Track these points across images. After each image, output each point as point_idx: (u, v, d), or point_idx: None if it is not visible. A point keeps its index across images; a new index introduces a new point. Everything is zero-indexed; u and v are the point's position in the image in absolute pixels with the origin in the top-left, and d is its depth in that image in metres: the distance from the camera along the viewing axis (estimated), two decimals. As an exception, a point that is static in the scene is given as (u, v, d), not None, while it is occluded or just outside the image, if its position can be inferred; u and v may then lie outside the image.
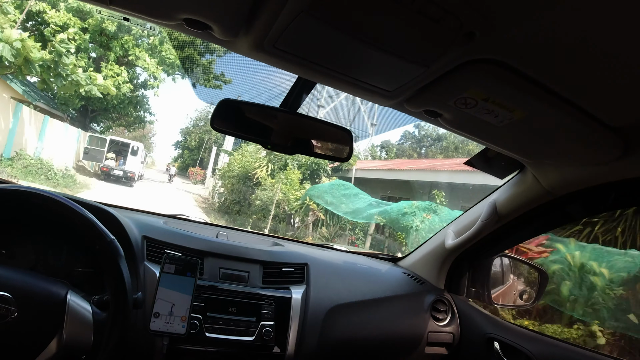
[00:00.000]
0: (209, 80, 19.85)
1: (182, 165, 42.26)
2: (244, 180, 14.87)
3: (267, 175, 13.94)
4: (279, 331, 1.35)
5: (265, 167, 14.26)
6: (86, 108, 19.00)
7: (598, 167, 1.04)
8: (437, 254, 1.73)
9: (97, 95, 12.89)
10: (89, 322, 1.01)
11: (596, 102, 0.77)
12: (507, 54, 0.67)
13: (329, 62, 0.80)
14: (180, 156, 45.13)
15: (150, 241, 1.35)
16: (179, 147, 46.50)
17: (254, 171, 14.47)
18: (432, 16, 0.59)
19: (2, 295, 0.94)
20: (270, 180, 13.57)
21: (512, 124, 0.87)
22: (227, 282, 1.38)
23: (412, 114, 0.96)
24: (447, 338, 1.64)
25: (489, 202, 1.44)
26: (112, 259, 1.04)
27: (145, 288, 1.23)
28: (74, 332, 0.99)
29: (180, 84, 74.80)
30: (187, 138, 43.07)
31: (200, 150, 37.36)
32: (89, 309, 1.03)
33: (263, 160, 14.49)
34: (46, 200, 1.02)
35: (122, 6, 0.74)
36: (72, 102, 16.17)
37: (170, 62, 18.12)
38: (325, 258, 1.67)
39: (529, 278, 2.14)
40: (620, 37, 0.58)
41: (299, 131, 1.20)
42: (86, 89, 12.29)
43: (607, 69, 0.66)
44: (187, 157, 41.41)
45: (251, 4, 0.67)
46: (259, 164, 14.43)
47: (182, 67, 18.93)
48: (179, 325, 1.14)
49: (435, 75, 0.76)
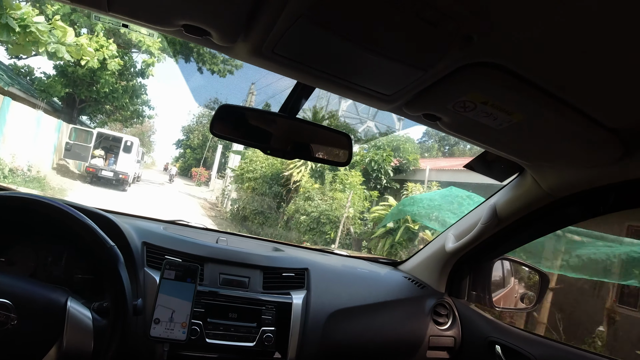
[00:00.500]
0: (217, 64, 15.98)
1: (183, 165, 39.32)
2: (271, 183, 11.25)
3: (308, 177, 10.29)
4: (280, 337, 1.35)
5: (304, 167, 10.47)
6: (72, 97, 15.48)
7: (598, 169, 1.04)
8: (437, 258, 1.72)
9: (67, 59, 9.61)
10: (89, 329, 1.01)
11: (595, 104, 0.77)
12: (505, 57, 0.67)
13: (328, 66, 0.80)
14: (182, 156, 42.14)
15: (150, 247, 1.35)
16: (181, 146, 43.13)
17: (287, 172, 10.64)
18: (430, 20, 0.59)
19: (2, 303, 0.94)
20: (315, 186, 9.99)
21: (511, 127, 0.87)
22: (227, 287, 1.38)
23: (411, 118, 0.96)
24: (449, 342, 1.64)
25: (488, 205, 1.44)
26: (112, 265, 1.04)
27: (145, 294, 1.23)
28: (74, 340, 0.99)
29: (182, 78, 71.53)
30: (189, 136, 39.96)
31: (204, 149, 34.13)
32: (89, 316, 1.02)
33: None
34: (45, 207, 1.02)
35: (121, 13, 0.74)
36: (54, 88, 13.45)
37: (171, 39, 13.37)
38: (325, 263, 1.67)
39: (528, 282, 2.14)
40: (618, 38, 0.58)
41: (298, 136, 1.20)
42: (50, 49, 8.80)
43: (605, 71, 0.66)
44: (189, 156, 38.43)
45: (249, 9, 0.67)
46: (294, 163, 10.49)
47: (182, 47, 15.00)
48: (179, 331, 1.13)
49: (434, 79, 0.76)
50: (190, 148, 38.65)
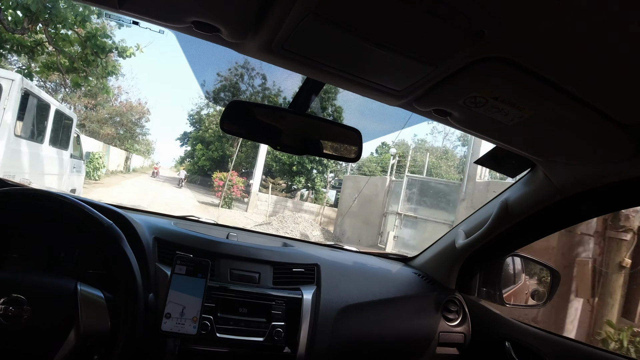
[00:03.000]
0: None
1: (193, 167, 28.73)
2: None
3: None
4: (290, 332, 1.36)
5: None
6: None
7: (610, 166, 1.03)
8: (447, 254, 1.72)
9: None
10: (103, 306, 1.03)
11: (608, 100, 0.76)
12: (517, 52, 0.67)
13: (338, 62, 0.80)
14: (190, 155, 31.06)
15: (161, 242, 1.36)
16: (187, 142, 31.91)
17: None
18: (441, 15, 0.59)
19: (15, 297, 0.96)
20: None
21: (523, 123, 0.86)
22: (237, 283, 1.39)
23: (422, 114, 0.96)
24: (459, 338, 1.64)
25: (499, 201, 1.43)
26: (114, 243, 1.06)
27: (157, 289, 1.24)
28: (90, 320, 1.00)
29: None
30: (199, 126, 28.36)
31: (226, 143, 22.46)
32: (101, 295, 1.05)
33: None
34: (40, 198, 1.05)
35: (131, 10, 0.74)
36: None
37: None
38: (335, 259, 1.67)
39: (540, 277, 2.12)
40: (631, 33, 0.57)
41: (308, 132, 1.21)
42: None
43: (618, 67, 0.65)
44: (200, 155, 26.80)
45: (259, 5, 0.67)
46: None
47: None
48: (190, 326, 1.15)
49: (445, 75, 0.76)
50: (201, 142, 27.25)
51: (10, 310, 0.95)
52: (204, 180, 26.65)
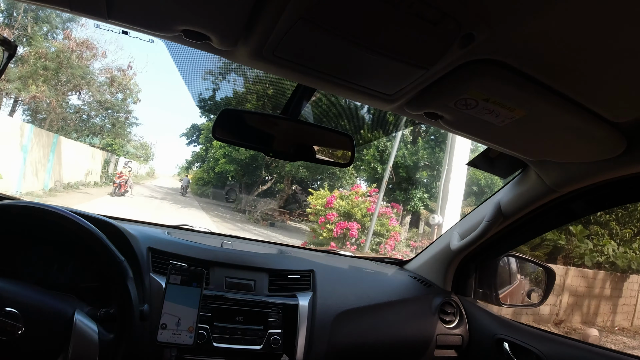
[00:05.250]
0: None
1: (206, 176, 19.82)
2: None
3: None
4: (287, 339, 1.35)
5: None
6: None
7: (601, 164, 1.03)
8: (443, 256, 1.72)
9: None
10: (95, 343, 1.00)
11: (597, 99, 0.76)
12: (506, 54, 0.67)
13: (328, 68, 0.80)
14: (200, 158, 22.44)
15: (155, 253, 1.35)
16: (197, 138, 22.51)
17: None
18: (430, 19, 0.59)
19: (10, 312, 0.94)
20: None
21: (514, 123, 0.87)
22: (233, 291, 1.38)
23: (413, 117, 0.96)
24: (456, 340, 1.63)
25: (493, 202, 1.44)
26: (121, 280, 1.04)
27: (151, 299, 1.23)
28: (79, 352, 0.98)
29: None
30: (213, 106, 16.34)
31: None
32: (95, 330, 1.02)
33: None
34: (53, 216, 1.03)
35: (120, 20, 0.74)
36: None
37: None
38: (330, 264, 1.66)
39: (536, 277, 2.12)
40: (620, 33, 0.58)
41: (300, 138, 1.21)
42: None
43: (607, 66, 0.66)
44: (219, 155, 18.03)
45: (249, 12, 0.67)
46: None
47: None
48: (186, 336, 1.13)
49: (435, 78, 0.76)
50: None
51: (7, 324, 0.93)
52: (218, 193, 18.25)
